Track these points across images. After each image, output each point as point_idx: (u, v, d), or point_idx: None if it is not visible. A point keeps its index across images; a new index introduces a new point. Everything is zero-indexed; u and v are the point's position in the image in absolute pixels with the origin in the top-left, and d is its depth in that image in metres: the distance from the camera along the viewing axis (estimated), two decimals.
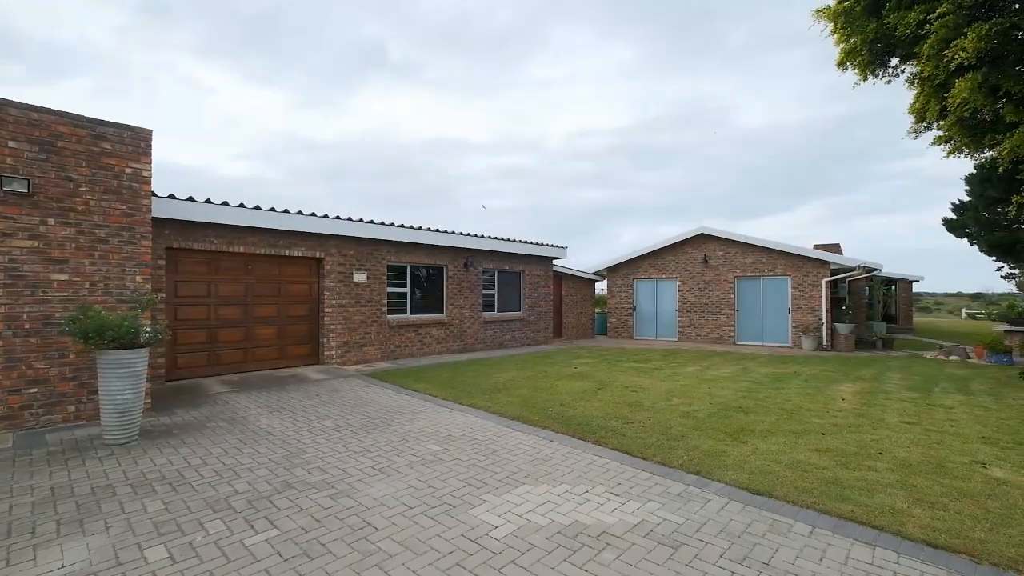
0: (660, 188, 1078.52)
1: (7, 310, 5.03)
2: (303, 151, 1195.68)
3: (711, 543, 2.87)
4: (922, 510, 3.28)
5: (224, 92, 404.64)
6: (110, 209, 5.66)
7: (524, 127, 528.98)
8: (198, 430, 5.20)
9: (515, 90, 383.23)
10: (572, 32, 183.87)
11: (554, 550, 2.79)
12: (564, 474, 3.96)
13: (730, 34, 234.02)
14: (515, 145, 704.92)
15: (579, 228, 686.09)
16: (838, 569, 2.60)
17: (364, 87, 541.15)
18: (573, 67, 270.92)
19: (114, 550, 2.77)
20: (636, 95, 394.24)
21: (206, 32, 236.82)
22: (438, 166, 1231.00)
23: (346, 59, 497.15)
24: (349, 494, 3.55)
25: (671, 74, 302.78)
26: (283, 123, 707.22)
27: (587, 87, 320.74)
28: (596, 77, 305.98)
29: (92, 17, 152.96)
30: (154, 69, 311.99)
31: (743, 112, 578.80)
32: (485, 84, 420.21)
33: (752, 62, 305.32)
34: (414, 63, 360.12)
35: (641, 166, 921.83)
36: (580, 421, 5.53)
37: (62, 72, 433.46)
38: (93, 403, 5.46)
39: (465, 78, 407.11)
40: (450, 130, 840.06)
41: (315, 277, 9.79)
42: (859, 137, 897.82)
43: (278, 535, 2.95)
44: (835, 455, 4.38)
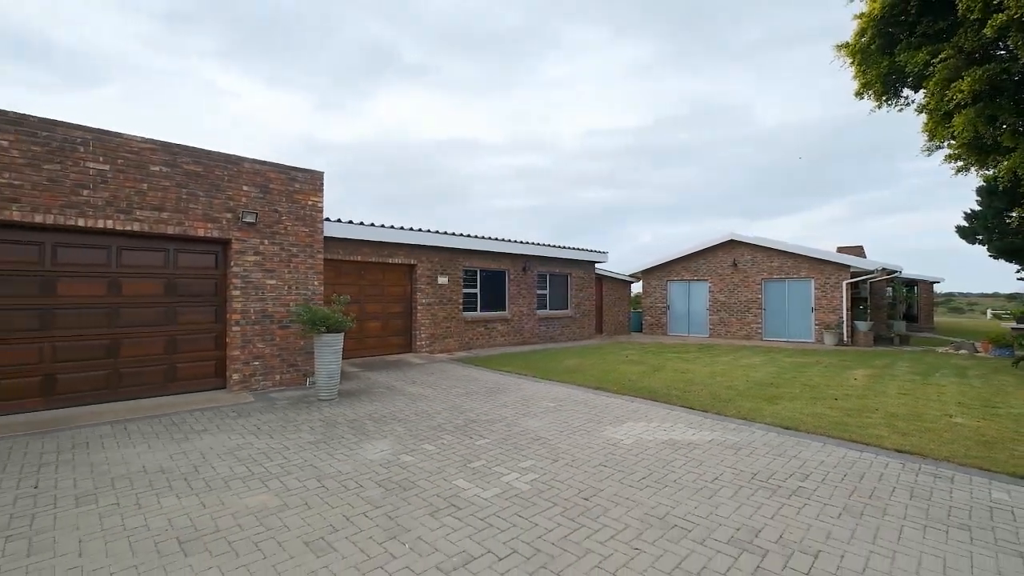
0: (674, 188, 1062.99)
1: (241, 306, 7.10)
2: (319, 153, 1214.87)
3: (758, 448, 4.67)
4: (898, 436, 5.01)
5: (244, 96, 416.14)
6: (299, 232, 7.71)
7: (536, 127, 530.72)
8: (368, 394, 7.18)
9: (527, 90, 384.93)
10: (584, 32, 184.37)
11: (662, 449, 4.63)
12: (652, 418, 5.79)
13: (746, 31, 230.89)
14: (527, 145, 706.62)
15: (592, 228, 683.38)
16: (837, 460, 4.37)
17: (379, 90, 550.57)
18: (585, 67, 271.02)
19: (400, 445, 4.71)
20: (649, 94, 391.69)
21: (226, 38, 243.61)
22: (451, 167, 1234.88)
23: (361, 63, 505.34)
24: (515, 425, 5.45)
25: (686, 72, 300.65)
26: (299, 126, 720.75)
27: (599, 87, 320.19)
28: (608, 77, 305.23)
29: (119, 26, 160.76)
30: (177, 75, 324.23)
31: (761, 110, 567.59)
32: (497, 85, 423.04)
33: (768, 59, 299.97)
34: (427, 65, 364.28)
35: (655, 165, 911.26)
36: (649, 390, 7.35)
37: (92, 80, 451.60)
38: (290, 374, 7.52)
39: (477, 79, 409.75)
40: (463, 131, 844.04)
41: (408, 281, 11.80)
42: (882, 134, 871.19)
43: (489, 441, 4.85)
44: (843, 411, 6.11)
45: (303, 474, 3.97)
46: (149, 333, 6.61)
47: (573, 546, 2.85)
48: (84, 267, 6.16)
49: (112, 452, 4.46)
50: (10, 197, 5.41)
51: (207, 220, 6.80)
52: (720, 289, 17.60)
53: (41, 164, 5.60)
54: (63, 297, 6.01)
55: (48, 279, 5.92)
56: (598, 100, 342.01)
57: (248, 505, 3.39)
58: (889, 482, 3.84)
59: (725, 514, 3.27)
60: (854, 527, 3.09)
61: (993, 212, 15.36)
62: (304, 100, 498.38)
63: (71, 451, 4.48)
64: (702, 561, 2.70)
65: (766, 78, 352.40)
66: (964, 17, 9.38)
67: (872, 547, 2.84)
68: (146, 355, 6.58)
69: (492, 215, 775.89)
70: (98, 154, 5.97)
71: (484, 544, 2.87)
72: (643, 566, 2.64)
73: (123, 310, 6.43)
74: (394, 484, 3.76)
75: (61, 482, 3.76)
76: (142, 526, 3.07)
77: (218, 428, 5.26)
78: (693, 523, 3.14)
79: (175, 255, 6.83)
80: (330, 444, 4.75)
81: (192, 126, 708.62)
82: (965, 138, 10.53)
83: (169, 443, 4.73)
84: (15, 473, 3.94)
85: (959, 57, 9.97)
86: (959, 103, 9.70)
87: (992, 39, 9.15)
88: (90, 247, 6.19)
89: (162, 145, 6.45)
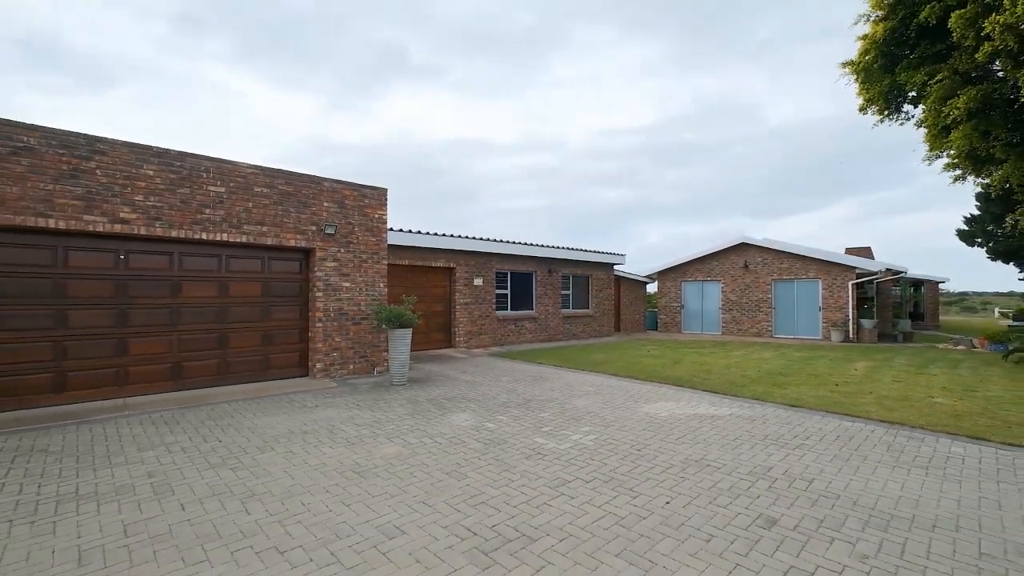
0: (684, 187, 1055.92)
1: (323, 305, 8.31)
2: (330, 154, 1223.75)
3: (769, 419, 5.76)
4: (884, 411, 6.07)
5: (254, 98, 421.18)
6: (368, 241, 8.91)
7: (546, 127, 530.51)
8: (430, 381, 8.35)
9: (537, 91, 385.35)
10: (594, 31, 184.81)
11: (691, 420, 5.73)
12: (679, 399, 6.90)
13: (757, 28, 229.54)
14: (537, 145, 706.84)
15: (602, 227, 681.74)
16: (833, 428, 5.44)
17: (389, 91, 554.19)
18: (595, 66, 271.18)
19: (479, 417, 5.87)
20: (660, 93, 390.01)
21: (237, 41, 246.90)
22: (461, 167, 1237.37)
23: (371, 64, 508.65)
24: (567, 404, 6.58)
25: (696, 71, 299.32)
26: (308, 127, 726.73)
27: (610, 86, 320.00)
28: (618, 76, 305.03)
29: (132, 30, 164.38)
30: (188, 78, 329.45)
31: (772, 109, 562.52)
32: (507, 85, 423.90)
33: (780, 56, 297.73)
34: (437, 66, 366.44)
35: (665, 164, 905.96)
36: (673, 378, 8.45)
37: (106, 83, 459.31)
38: (361, 364, 8.72)
39: (487, 80, 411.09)
40: (472, 131, 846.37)
41: (448, 282, 12.99)
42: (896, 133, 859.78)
43: (549, 414, 5.99)
44: (842, 393, 7.17)
45: (414, 434, 5.14)
46: (249, 328, 7.83)
47: (637, 474, 3.98)
48: (202, 272, 7.39)
49: (256, 420, 5.67)
50: (155, 216, 6.65)
51: (296, 232, 8.02)
52: (732, 289, 18.60)
53: (176, 188, 6.83)
54: (186, 297, 7.25)
55: (176, 282, 7.16)
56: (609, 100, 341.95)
57: (386, 453, 4.56)
58: (872, 441, 4.93)
59: (745, 459, 4.38)
60: (840, 466, 4.19)
61: (990, 217, 16.22)
62: (314, 102, 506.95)
63: (222, 420, 5.69)
64: (731, 482, 3.82)
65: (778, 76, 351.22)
66: (959, 42, 10.34)
67: (852, 477, 3.94)
68: (247, 346, 7.80)
69: (501, 215, 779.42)
70: (216, 179, 7.20)
71: (572, 474, 4.01)
72: (689, 485, 3.76)
73: (230, 308, 7.66)
74: (489, 440, 4.91)
75: (237, 439, 4.97)
76: (320, 464, 4.25)
77: (326, 404, 6.46)
78: (722, 463, 4.25)
79: (269, 262, 8.06)
80: (422, 416, 5.92)
81: (203, 128, 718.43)
82: (962, 150, 11.48)
83: (296, 415, 5.93)
84: (196, 432, 5.15)
85: (954, 78, 10.93)
86: (955, 119, 10.67)
87: (984, 63, 10.12)
88: (206, 256, 7.43)
89: (263, 170, 7.67)
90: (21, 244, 5.99)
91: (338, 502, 3.47)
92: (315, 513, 3.29)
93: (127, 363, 6.72)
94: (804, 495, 3.60)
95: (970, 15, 9.65)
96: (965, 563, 2.69)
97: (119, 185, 6.37)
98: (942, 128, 11.78)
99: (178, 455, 4.45)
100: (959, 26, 9.80)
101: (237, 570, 2.62)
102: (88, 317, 6.43)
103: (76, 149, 6.09)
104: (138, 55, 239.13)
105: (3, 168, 5.61)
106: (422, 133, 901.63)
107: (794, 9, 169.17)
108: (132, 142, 6.50)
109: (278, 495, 3.58)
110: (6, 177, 5.63)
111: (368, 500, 3.50)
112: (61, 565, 2.66)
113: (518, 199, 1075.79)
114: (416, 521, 3.18)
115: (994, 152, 11.33)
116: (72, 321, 6.32)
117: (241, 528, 3.08)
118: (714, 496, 3.58)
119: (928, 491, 3.68)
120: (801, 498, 3.55)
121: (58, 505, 3.41)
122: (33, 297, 6.07)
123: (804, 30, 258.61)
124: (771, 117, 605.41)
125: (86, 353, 6.40)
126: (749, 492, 3.65)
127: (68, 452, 4.51)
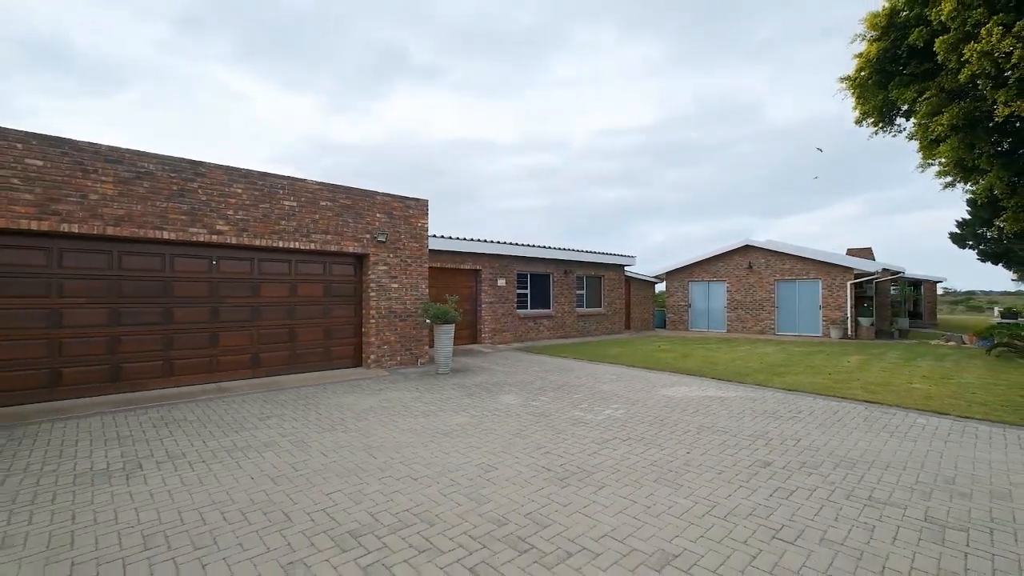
0: (686, 187, 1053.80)
1: (376, 303, 9.45)
2: (331, 154, 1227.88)
3: (768, 400, 6.84)
4: (867, 394, 7.13)
5: (257, 99, 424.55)
6: (412, 247, 10.04)
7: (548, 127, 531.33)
8: (470, 371, 9.46)
9: (537, 90, 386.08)
10: (595, 32, 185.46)
11: (702, 400, 6.82)
12: (691, 385, 7.98)
13: (758, 27, 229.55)
14: (539, 145, 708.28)
15: (603, 227, 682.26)
16: (821, 406, 6.50)
17: (390, 91, 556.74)
18: (596, 66, 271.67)
19: (523, 398, 6.97)
20: (660, 93, 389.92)
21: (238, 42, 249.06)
22: (462, 167, 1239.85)
23: (371, 64, 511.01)
24: (595, 388, 7.67)
25: (697, 70, 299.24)
26: (308, 127, 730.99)
27: (610, 86, 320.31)
28: (619, 76, 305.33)
29: (135, 32, 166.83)
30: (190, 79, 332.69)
31: (774, 108, 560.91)
32: (508, 85, 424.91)
33: (781, 56, 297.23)
34: (438, 67, 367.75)
35: (667, 164, 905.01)
36: (684, 369, 9.53)
37: (112, 84, 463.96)
38: (406, 356, 9.85)
39: (488, 80, 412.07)
40: (473, 131, 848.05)
41: (474, 282, 14.11)
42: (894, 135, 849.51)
43: (582, 396, 7.08)
44: (834, 380, 8.22)
45: (475, 409, 6.25)
46: (313, 323, 8.97)
47: (662, 436, 5.07)
48: (276, 275, 8.53)
49: (339, 399, 6.80)
50: (242, 227, 7.79)
51: (354, 239, 9.15)
52: (737, 289, 19.63)
53: (258, 204, 7.98)
54: (264, 297, 8.39)
55: (256, 284, 8.31)
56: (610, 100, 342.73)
57: (459, 421, 5.67)
58: (852, 415, 6.00)
59: (747, 426, 5.46)
60: (824, 431, 5.26)
61: (979, 221, 17.17)
62: (314, 102, 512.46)
63: (310, 399, 6.82)
64: (736, 441, 4.91)
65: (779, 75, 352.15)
66: (944, 64, 11.35)
67: (831, 438, 5.01)
68: (312, 340, 8.94)
69: (503, 215, 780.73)
70: (289, 195, 8.34)
71: (611, 435, 5.10)
72: (704, 443, 4.85)
73: (297, 307, 8.80)
74: (537, 414, 6.02)
75: (332, 412, 6.09)
76: (410, 429, 5.37)
77: (389, 388, 7.58)
78: (728, 429, 5.34)
79: (330, 266, 9.19)
80: (475, 397, 7.03)
81: (205, 130, 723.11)
82: (951, 159, 12.49)
83: (369, 396, 7.06)
84: (295, 408, 6.28)
85: (941, 95, 11.94)
86: (940, 135, 11.68)
87: (966, 83, 11.12)
88: (280, 261, 8.57)
89: (327, 186, 8.81)
90: (142, 252, 7.15)
91: (439, 451, 4.58)
92: (425, 458, 4.41)
93: (218, 353, 7.87)
94: (792, 449, 4.68)
95: (952, 40, 10.66)
96: (905, 486, 3.77)
97: (215, 202, 7.52)
98: (931, 140, 12.80)
99: (293, 423, 5.59)
100: (943, 50, 10.81)
101: (391, 485, 3.73)
102: (189, 314, 7.58)
103: (183, 172, 7.24)
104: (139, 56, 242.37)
105: (130, 190, 6.77)
106: (422, 133, 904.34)
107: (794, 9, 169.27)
108: (225, 165, 7.65)
109: (390, 448, 4.70)
110: (132, 197, 6.78)
111: (460, 450, 4.61)
112: (260, 482, 3.78)
113: (518, 199, 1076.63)
114: (503, 462, 4.29)
115: (978, 163, 12.33)
116: (177, 317, 7.47)
117: (377, 466, 4.20)
118: (723, 449, 4.67)
119: (889, 447, 4.75)
120: (790, 450, 4.63)
121: (230, 453, 4.54)
122: (148, 296, 7.23)
123: (805, 30, 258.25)
124: (773, 116, 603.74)
125: (187, 344, 7.56)
126: (750, 447, 4.73)
127: (204, 421, 5.65)
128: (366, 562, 2.72)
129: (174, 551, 2.82)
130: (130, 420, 5.65)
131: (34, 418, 5.71)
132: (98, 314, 6.83)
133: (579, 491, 3.68)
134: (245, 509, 3.37)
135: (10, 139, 5.96)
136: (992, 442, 4.91)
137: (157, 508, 3.38)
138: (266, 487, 3.75)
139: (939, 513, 3.32)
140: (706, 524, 3.15)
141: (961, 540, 2.96)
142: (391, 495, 3.61)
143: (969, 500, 3.53)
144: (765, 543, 2.92)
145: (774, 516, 3.26)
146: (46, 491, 3.66)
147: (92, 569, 2.64)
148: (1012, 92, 9.67)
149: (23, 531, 3.06)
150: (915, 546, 2.89)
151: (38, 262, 6.39)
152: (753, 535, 3.01)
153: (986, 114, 11.76)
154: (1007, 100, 9.61)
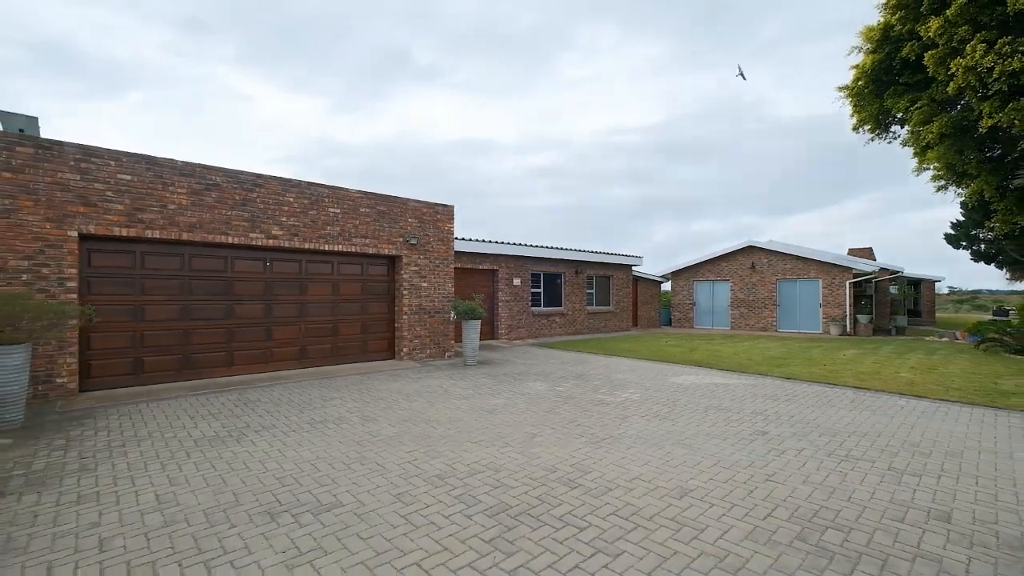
0: (692, 185, 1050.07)
1: (408, 301, 10.32)
2: (336, 155, 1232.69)
3: (768, 386, 7.66)
4: (857, 381, 7.94)
5: (262, 100, 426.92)
6: (439, 249, 10.90)
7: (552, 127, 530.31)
8: (494, 363, 10.31)
9: (543, 90, 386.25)
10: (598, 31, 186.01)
11: (708, 386, 7.65)
12: (698, 374, 8.81)
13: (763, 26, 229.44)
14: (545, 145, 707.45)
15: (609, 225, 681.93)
16: (815, 391, 7.32)
17: (395, 92, 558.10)
18: (601, 66, 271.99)
19: (548, 385, 7.82)
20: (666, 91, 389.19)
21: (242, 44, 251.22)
22: (467, 167, 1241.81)
23: (375, 66, 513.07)
24: (612, 377, 8.51)
25: (702, 68, 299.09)
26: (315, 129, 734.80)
27: (616, 85, 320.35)
28: (625, 75, 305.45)
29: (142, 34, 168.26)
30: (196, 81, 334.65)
31: (780, 107, 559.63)
32: (512, 85, 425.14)
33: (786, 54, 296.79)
34: (442, 67, 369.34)
35: (672, 163, 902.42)
36: (691, 361, 10.36)
37: (118, 87, 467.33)
38: (435, 349, 10.72)
39: (492, 80, 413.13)
40: (478, 131, 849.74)
41: (491, 282, 14.97)
42: None
43: (600, 383, 7.92)
44: (828, 371, 9.04)
45: (508, 393, 7.10)
46: (353, 319, 9.85)
47: (675, 414, 5.91)
48: (321, 276, 9.41)
49: (384, 385, 7.67)
50: (293, 232, 8.67)
51: (388, 243, 10.02)
52: (740, 288, 20.41)
53: (307, 211, 8.86)
54: (310, 295, 9.27)
55: (303, 283, 9.18)
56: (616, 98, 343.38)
57: (496, 403, 6.52)
58: (840, 398, 6.82)
59: (748, 406, 6.30)
60: (814, 410, 6.09)
61: (972, 223, 17.92)
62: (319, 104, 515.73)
63: (357, 386, 7.69)
64: (738, 417, 5.74)
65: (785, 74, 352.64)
66: (934, 76, 12.12)
67: (820, 415, 5.84)
68: (351, 334, 9.82)
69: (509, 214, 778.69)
70: (333, 203, 9.22)
71: (630, 412, 5.95)
72: (711, 418, 5.69)
73: (339, 304, 9.68)
74: (564, 397, 6.87)
75: (383, 395, 6.96)
76: (456, 407, 6.22)
77: (426, 376, 8.45)
78: (732, 408, 6.17)
79: (367, 266, 10.07)
80: (505, 384, 7.89)
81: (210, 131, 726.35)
82: (943, 164, 13.25)
83: (410, 383, 7.93)
84: (348, 393, 7.15)
85: (932, 105, 12.71)
86: (929, 142, 12.45)
87: (954, 95, 11.89)
88: (324, 262, 9.45)
89: (366, 194, 9.68)
90: (209, 255, 8.04)
91: (486, 423, 5.44)
92: (478, 428, 5.26)
93: (272, 345, 8.76)
94: (787, 423, 5.52)
95: (940, 55, 11.43)
96: (878, 448, 4.60)
97: (271, 209, 8.41)
98: (924, 147, 13.56)
99: (354, 403, 6.46)
100: (932, 63, 11.58)
101: (457, 446, 4.58)
102: (247, 310, 8.47)
103: (245, 183, 8.13)
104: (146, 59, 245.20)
105: (201, 200, 7.66)
106: (427, 134, 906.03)
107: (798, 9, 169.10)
108: (279, 176, 8.53)
109: (445, 422, 5.57)
110: (202, 207, 7.67)
111: (504, 423, 5.47)
112: (347, 445, 4.65)
113: (525, 198, 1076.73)
114: (543, 432, 5.14)
115: (968, 169, 13.10)
116: (237, 313, 8.36)
117: (439, 434, 5.06)
118: (727, 423, 5.50)
119: (868, 421, 5.58)
120: (784, 424, 5.47)
121: (312, 425, 5.41)
122: (213, 294, 8.12)
123: (810, 28, 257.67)
124: (780, 115, 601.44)
125: (246, 337, 8.44)
126: (750, 421, 5.57)
127: (277, 402, 6.53)
128: (456, 493, 3.57)
129: (305, 487, 3.68)
130: (212, 401, 6.53)
131: (125, 400, 6.59)
132: (172, 310, 7.72)
133: (610, 451, 4.53)
134: (346, 462, 4.23)
135: (105, 157, 6.86)
136: (959, 419, 5.73)
137: (277, 460, 4.25)
138: (354, 449, 4.61)
139: (900, 465, 4.15)
140: (714, 472, 4.00)
141: (914, 482, 3.80)
142: (459, 453, 4.47)
143: (927, 458, 4.36)
144: (760, 483, 3.76)
145: (768, 467, 4.11)
146: (179, 451, 4.54)
147: (252, 499, 3.51)
148: (995, 105, 10.44)
149: (183, 475, 3.93)
150: (877, 485, 3.73)
151: (126, 264, 7.29)
152: (751, 478, 3.85)
153: (974, 123, 12.54)
154: (991, 112, 10.37)
